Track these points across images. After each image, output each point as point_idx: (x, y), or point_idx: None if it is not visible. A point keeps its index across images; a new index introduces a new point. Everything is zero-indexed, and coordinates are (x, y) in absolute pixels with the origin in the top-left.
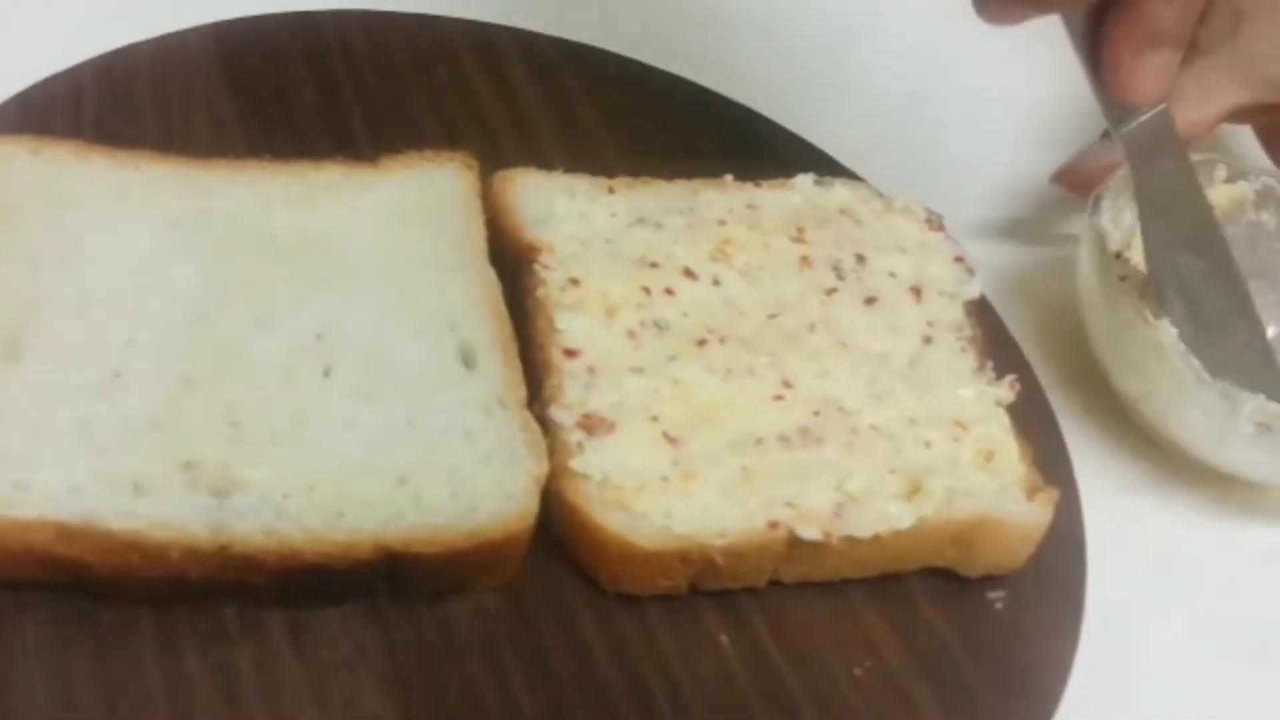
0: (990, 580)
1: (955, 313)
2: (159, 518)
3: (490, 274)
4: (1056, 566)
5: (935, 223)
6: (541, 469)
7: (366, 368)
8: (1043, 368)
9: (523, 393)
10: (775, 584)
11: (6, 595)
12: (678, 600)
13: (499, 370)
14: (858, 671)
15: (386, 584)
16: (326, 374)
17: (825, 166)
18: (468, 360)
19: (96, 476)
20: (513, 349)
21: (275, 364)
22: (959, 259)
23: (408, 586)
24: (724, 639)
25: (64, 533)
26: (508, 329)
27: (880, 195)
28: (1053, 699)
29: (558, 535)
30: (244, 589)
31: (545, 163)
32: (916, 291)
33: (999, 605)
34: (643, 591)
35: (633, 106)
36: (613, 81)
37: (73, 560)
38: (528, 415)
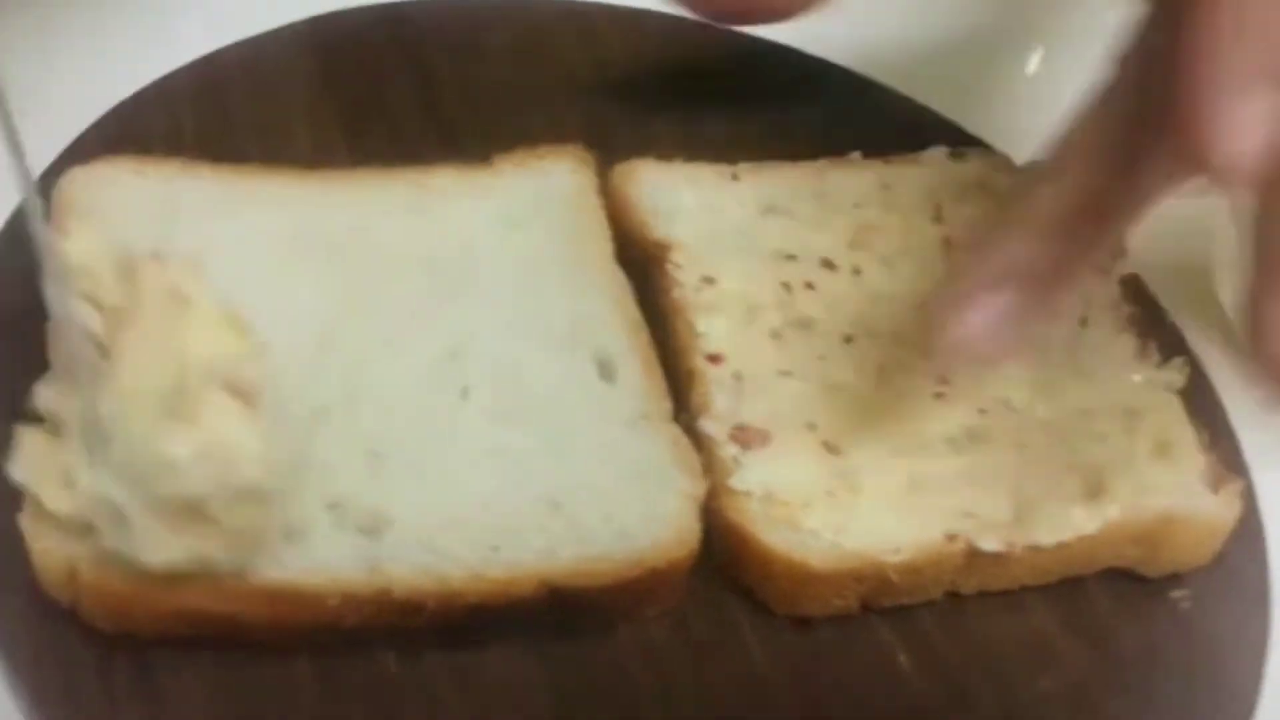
0: (1173, 579)
1: (1110, 290)
2: (311, 563)
3: (620, 277)
4: (1237, 559)
5: None
6: (699, 488)
7: (503, 387)
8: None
9: (667, 405)
10: (951, 595)
11: (160, 653)
12: (850, 619)
13: (640, 382)
14: (1044, 684)
15: (547, 619)
16: (464, 395)
17: (950, 135)
18: (606, 372)
19: None
20: (653, 357)
21: (410, 387)
22: None
23: (569, 620)
24: (902, 658)
25: (213, 587)
26: (644, 336)
27: (1018, 165)
28: (1249, 706)
29: (720, 557)
30: (401, 633)
31: (657, 148)
32: None
33: (1184, 605)
34: (814, 612)
35: (742, 83)
36: (719, 57)
37: (225, 614)
38: (677, 430)
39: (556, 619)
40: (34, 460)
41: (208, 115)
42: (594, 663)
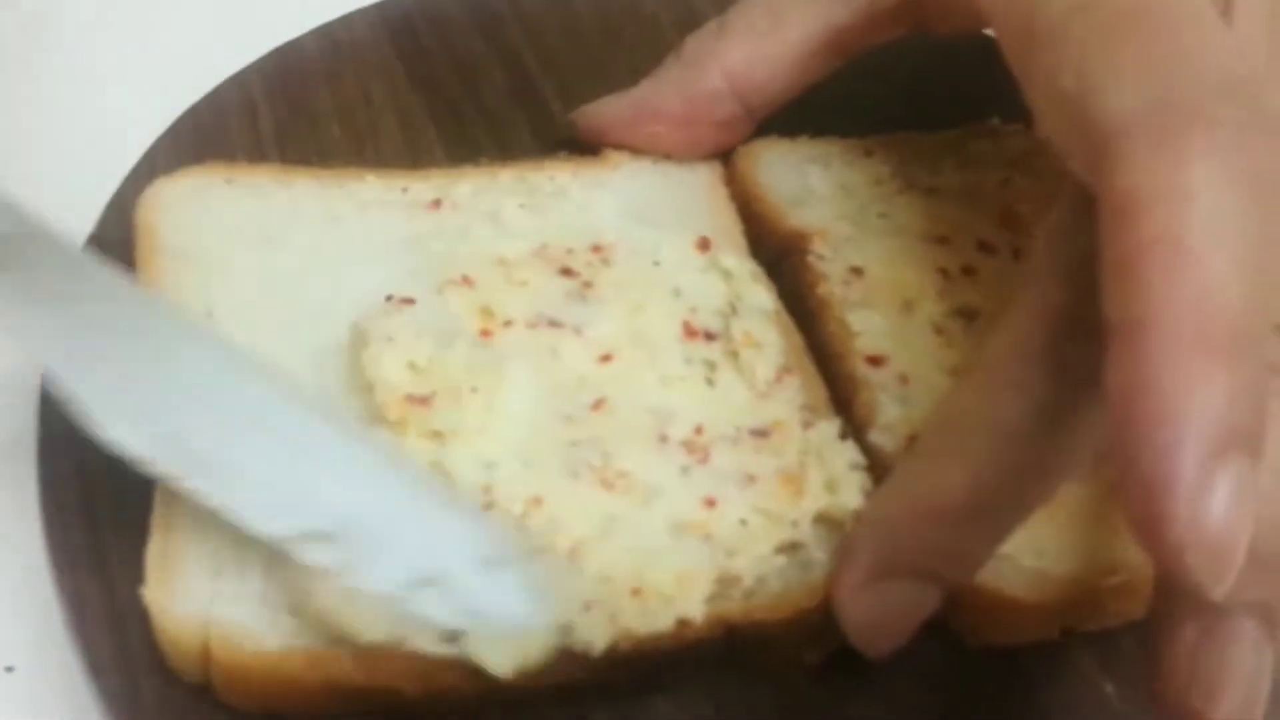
0: None
1: None
2: None
3: (760, 274)
4: None
5: None
6: None
7: (649, 409)
8: None
9: (831, 415)
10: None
11: None
12: (1049, 647)
13: (798, 392)
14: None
15: (720, 660)
16: (609, 418)
17: None
18: (759, 383)
19: None
20: (808, 363)
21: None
22: None
23: (744, 660)
24: (1109, 687)
25: (366, 662)
26: (796, 340)
27: None
28: None
29: None
30: (565, 688)
31: (779, 125)
32: None
33: None
34: (1011, 642)
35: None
36: None
37: (375, 687)
38: (852, 446)
39: (729, 658)
40: None
41: (286, 112)
42: (771, 704)
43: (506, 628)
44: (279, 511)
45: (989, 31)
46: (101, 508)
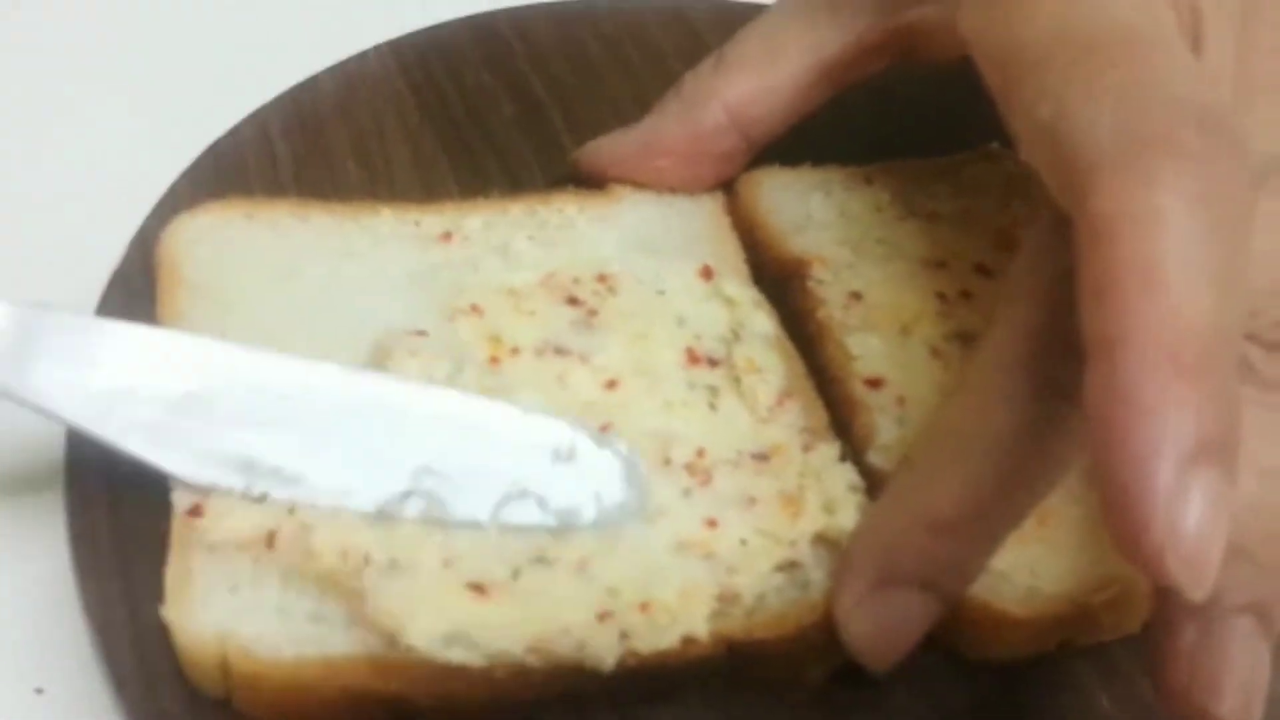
0: None
1: None
2: None
3: (762, 301)
4: None
5: None
6: None
7: (652, 434)
8: None
9: (831, 438)
10: (1147, 626)
11: None
12: (1047, 661)
13: (799, 416)
14: None
15: (723, 675)
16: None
17: None
18: (760, 408)
19: None
20: (809, 388)
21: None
22: None
23: (746, 676)
24: (1105, 701)
25: (380, 669)
26: (797, 365)
27: None
28: None
29: None
30: (572, 697)
31: (779, 154)
32: None
33: None
34: (1008, 657)
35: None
36: None
37: (390, 694)
38: (850, 469)
39: (732, 675)
40: None
41: (303, 148)
42: (774, 717)
43: (601, 516)
44: (362, 488)
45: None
46: (126, 531)
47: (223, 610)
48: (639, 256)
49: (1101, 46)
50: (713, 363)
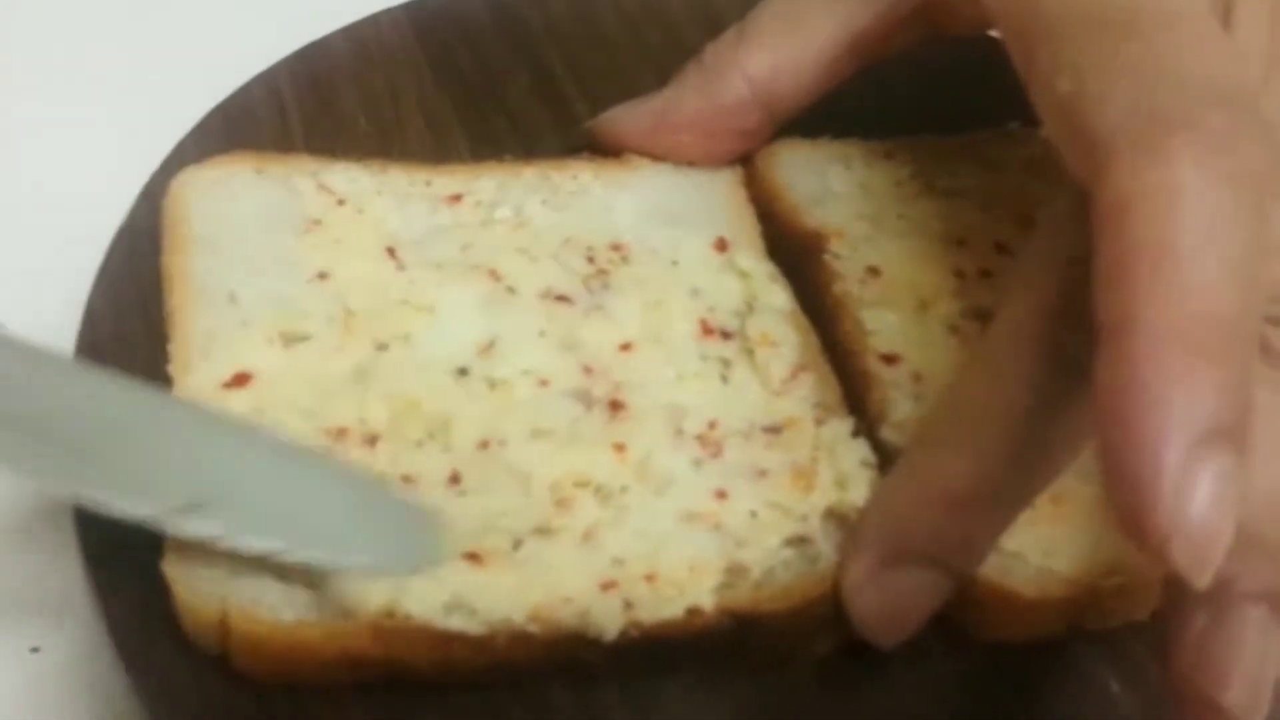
0: None
1: None
2: None
3: (776, 274)
4: None
5: None
6: None
7: (665, 404)
8: None
9: (844, 413)
10: (1157, 613)
11: (316, 702)
12: (1054, 645)
13: (813, 390)
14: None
15: (728, 648)
16: (618, 446)
17: None
18: (773, 383)
19: None
20: (823, 362)
21: (568, 419)
22: None
23: (751, 649)
24: (1114, 686)
25: (381, 634)
26: (812, 339)
27: None
28: None
29: None
30: (575, 665)
31: (800, 126)
32: None
33: None
34: (1016, 639)
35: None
36: None
37: (388, 658)
38: (863, 444)
39: (737, 648)
40: None
41: (315, 109)
42: (776, 694)
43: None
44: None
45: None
46: None
47: (224, 569)
48: (654, 226)
49: (1124, 19)
50: (726, 335)
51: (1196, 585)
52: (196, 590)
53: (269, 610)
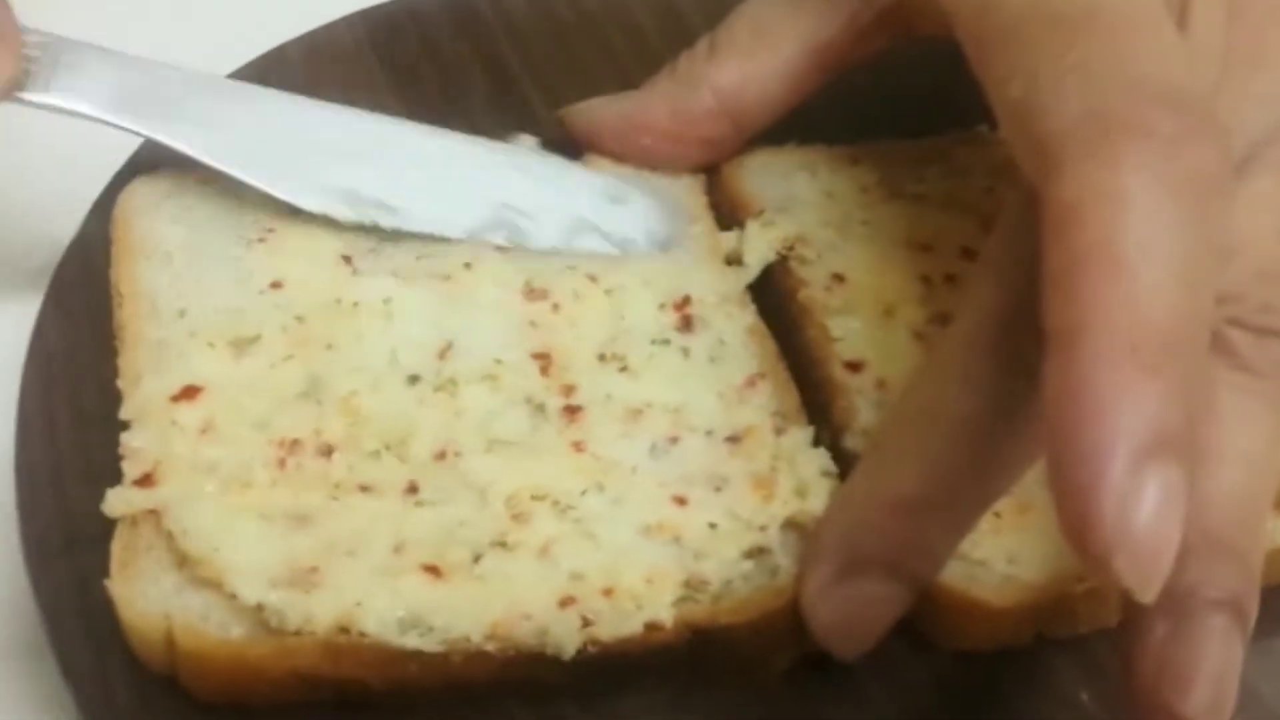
0: None
1: None
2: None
3: (736, 280)
4: None
5: None
6: None
7: (624, 410)
8: None
9: (804, 422)
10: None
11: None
12: (1022, 653)
13: (771, 398)
14: (1238, 718)
15: (688, 663)
16: (577, 444)
17: None
18: (730, 390)
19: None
20: (782, 370)
21: (524, 430)
22: None
23: (711, 663)
24: (1084, 696)
25: (333, 652)
26: (771, 346)
27: None
28: None
29: None
30: (530, 685)
31: (764, 132)
32: None
33: None
34: (984, 647)
35: None
36: None
37: (341, 678)
38: (824, 454)
39: (697, 663)
40: None
41: None
42: (740, 706)
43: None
44: (453, 218)
45: None
46: (75, 510)
47: (169, 585)
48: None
49: (1074, 21)
50: (685, 337)
51: (1142, 600)
52: (141, 608)
53: (217, 627)
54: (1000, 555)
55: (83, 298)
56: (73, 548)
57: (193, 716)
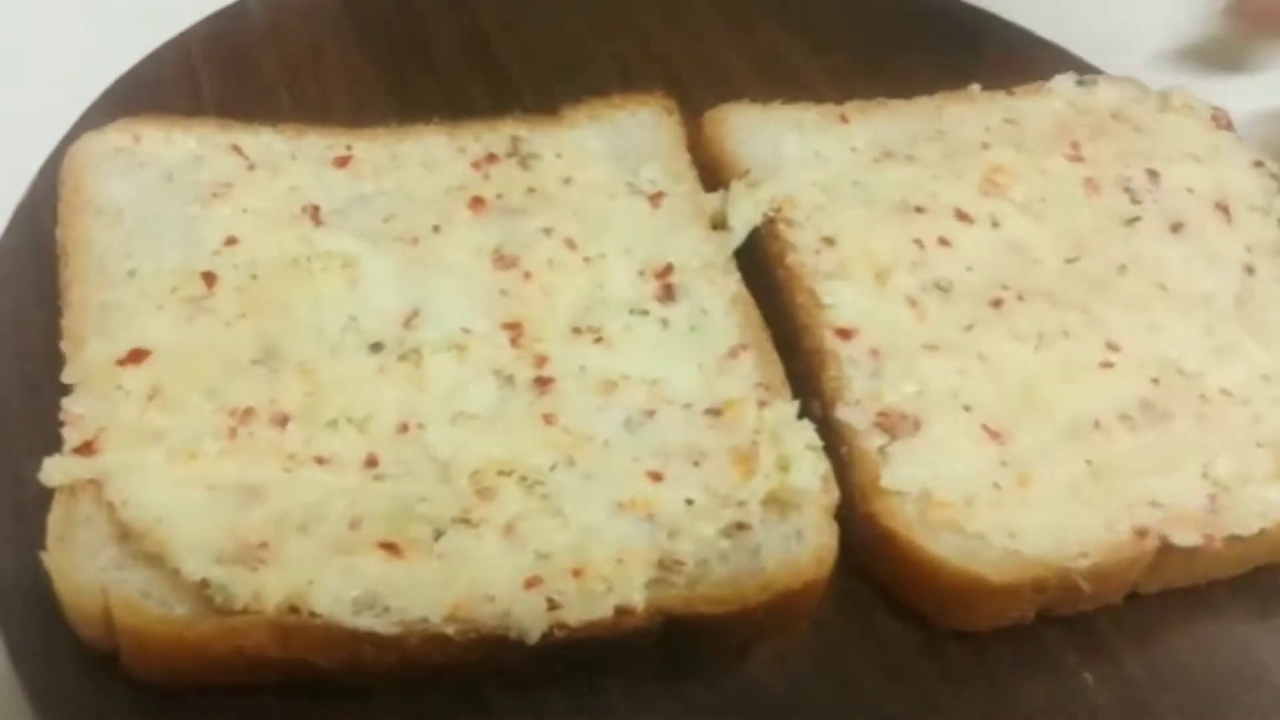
0: None
1: (1272, 232)
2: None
3: (720, 243)
4: None
5: (1223, 120)
6: (831, 496)
7: (599, 380)
8: None
9: (788, 394)
10: (1131, 596)
11: (209, 706)
12: (1023, 632)
13: (754, 369)
14: (1247, 700)
15: (660, 652)
16: (548, 417)
17: (1069, 64)
18: (712, 361)
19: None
20: (766, 340)
21: (491, 403)
22: (1258, 163)
23: (686, 653)
24: (1087, 676)
25: (281, 632)
26: (755, 315)
27: (1152, 92)
28: None
29: (867, 564)
30: (493, 669)
31: (750, 90)
32: (1224, 209)
33: None
34: (983, 627)
35: (832, 16)
36: None
37: (290, 659)
38: (809, 427)
39: (669, 651)
40: None
41: (230, 77)
42: (729, 694)
43: None
44: None
45: None
46: (24, 470)
47: (108, 559)
48: (586, 194)
49: None
50: (665, 304)
51: None
52: (78, 582)
53: (158, 604)
54: (1000, 529)
55: (30, 259)
56: (20, 520)
57: (143, 698)
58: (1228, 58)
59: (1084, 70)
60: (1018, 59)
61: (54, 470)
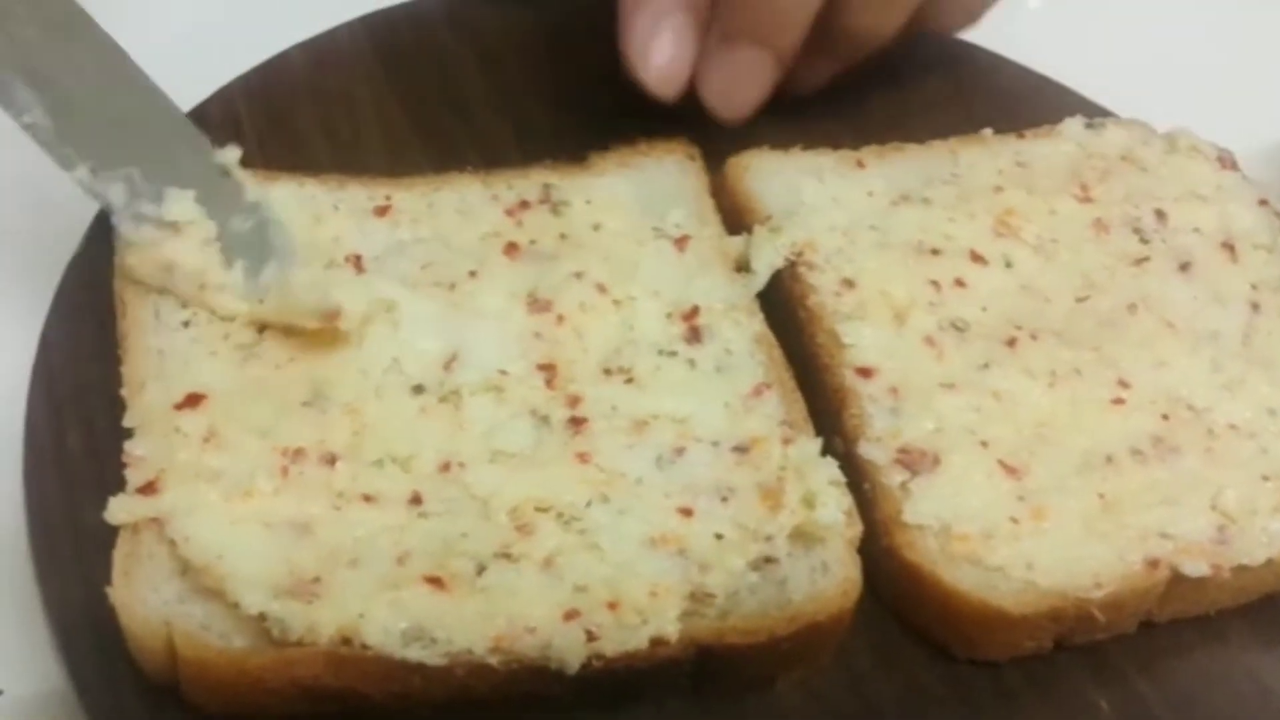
0: None
1: (1277, 269)
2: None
3: (745, 284)
4: None
5: (1228, 161)
6: (854, 530)
7: (630, 420)
8: None
9: (811, 431)
10: (1144, 625)
11: None
12: (1040, 661)
13: (778, 407)
14: None
15: (691, 679)
16: (582, 456)
17: (1078, 107)
18: (737, 400)
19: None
20: (789, 379)
21: (528, 442)
22: (1263, 202)
23: (716, 680)
24: (1102, 702)
25: (335, 663)
26: (778, 354)
27: (1159, 134)
28: None
29: (891, 597)
30: (536, 698)
31: (770, 138)
32: (1229, 248)
33: None
34: (1002, 656)
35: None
36: None
37: (344, 689)
38: (832, 463)
39: (700, 680)
40: None
41: (270, 126)
42: (755, 716)
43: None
44: None
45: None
46: (85, 526)
47: (171, 593)
48: (614, 241)
49: None
50: (691, 344)
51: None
52: (142, 616)
53: (218, 636)
54: (1018, 561)
55: (88, 311)
56: (82, 557)
57: None
58: None
59: (1093, 112)
60: (1027, 102)
61: (118, 509)
